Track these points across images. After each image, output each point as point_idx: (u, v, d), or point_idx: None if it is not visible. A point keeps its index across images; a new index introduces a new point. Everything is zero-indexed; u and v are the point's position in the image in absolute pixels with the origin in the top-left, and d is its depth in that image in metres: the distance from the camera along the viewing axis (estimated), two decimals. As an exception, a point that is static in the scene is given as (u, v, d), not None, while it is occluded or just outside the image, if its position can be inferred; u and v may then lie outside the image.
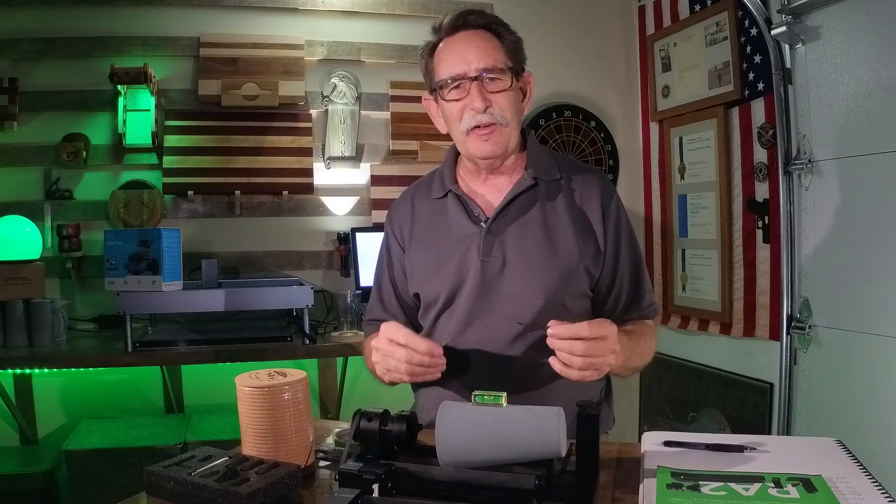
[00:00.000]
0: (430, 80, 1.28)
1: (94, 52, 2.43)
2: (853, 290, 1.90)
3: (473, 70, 1.19)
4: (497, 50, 1.22)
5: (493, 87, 1.21)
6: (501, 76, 1.21)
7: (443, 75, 1.23)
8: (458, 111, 1.22)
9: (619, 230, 1.28)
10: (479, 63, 1.20)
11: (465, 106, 1.21)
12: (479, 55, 1.20)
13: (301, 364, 2.32)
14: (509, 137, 1.24)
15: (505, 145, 1.24)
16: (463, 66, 1.20)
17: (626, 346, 1.14)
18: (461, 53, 1.21)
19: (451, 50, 1.23)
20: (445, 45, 1.24)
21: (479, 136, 1.22)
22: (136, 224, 2.42)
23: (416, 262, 1.32)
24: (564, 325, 1.04)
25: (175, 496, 0.88)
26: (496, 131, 1.22)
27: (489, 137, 1.22)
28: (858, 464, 0.87)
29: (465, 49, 1.21)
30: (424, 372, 1.12)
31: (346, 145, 2.60)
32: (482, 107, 1.19)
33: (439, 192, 1.32)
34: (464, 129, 1.22)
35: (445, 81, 1.22)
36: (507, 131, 1.23)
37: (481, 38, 1.22)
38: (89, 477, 2.00)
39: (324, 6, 2.61)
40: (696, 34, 2.45)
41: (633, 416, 2.86)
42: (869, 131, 1.83)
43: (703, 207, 2.47)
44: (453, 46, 1.23)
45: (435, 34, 1.26)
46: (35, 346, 2.11)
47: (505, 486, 0.82)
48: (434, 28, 1.27)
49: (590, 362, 1.03)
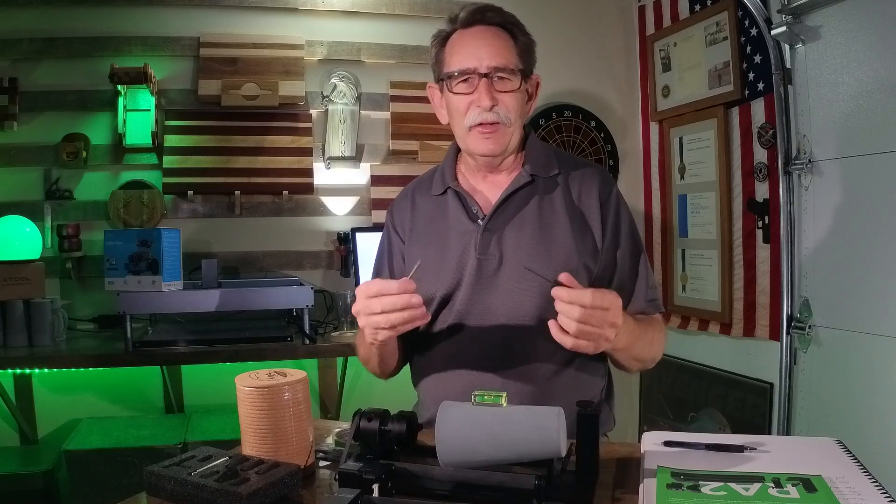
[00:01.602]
0: (439, 69, 1.27)
1: (94, 52, 2.43)
2: (853, 290, 1.90)
3: (484, 67, 1.19)
4: (510, 50, 1.22)
5: (502, 86, 1.20)
6: (511, 76, 1.21)
7: (453, 67, 1.22)
8: (463, 106, 1.22)
9: (618, 224, 1.27)
10: (490, 60, 1.19)
11: (472, 102, 1.21)
12: (491, 52, 1.20)
13: (301, 364, 2.32)
14: (510, 137, 1.24)
15: (505, 145, 1.24)
16: (474, 61, 1.20)
17: (632, 328, 1.12)
18: (474, 48, 1.21)
19: (465, 43, 1.22)
20: (459, 36, 1.24)
21: (481, 133, 1.22)
22: (136, 224, 2.42)
23: (415, 257, 1.31)
24: (568, 289, 1.01)
25: (175, 496, 0.88)
26: (499, 131, 1.22)
27: (491, 136, 1.22)
28: (858, 464, 0.87)
29: (479, 45, 1.21)
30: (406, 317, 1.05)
31: (346, 145, 2.60)
32: (489, 105, 1.19)
33: (440, 188, 1.32)
34: (467, 124, 1.22)
35: (454, 73, 1.21)
36: (510, 131, 1.23)
37: (495, 36, 1.22)
38: (89, 477, 2.00)
39: (324, 6, 2.61)
40: (696, 34, 2.45)
41: (633, 416, 2.86)
42: (869, 131, 1.83)
43: (703, 207, 2.47)
44: (468, 40, 1.23)
45: (450, 24, 1.26)
46: (35, 346, 2.11)
47: (505, 486, 0.82)
48: (450, 18, 1.26)
49: (587, 331, 1.00)
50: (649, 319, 1.26)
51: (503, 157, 1.27)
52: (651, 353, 1.25)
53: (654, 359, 1.28)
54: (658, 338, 1.26)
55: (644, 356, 1.24)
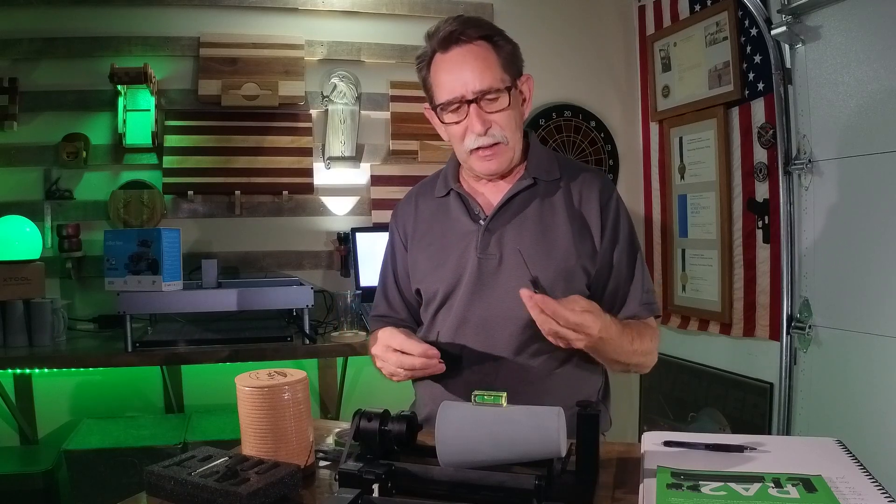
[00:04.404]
0: (429, 96, 1.27)
1: (94, 52, 2.43)
2: (853, 290, 1.90)
3: (470, 93, 1.18)
4: (493, 66, 1.19)
5: (492, 107, 1.20)
6: (499, 95, 1.19)
7: (440, 98, 1.22)
8: (459, 133, 1.23)
9: (616, 227, 1.27)
10: (475, 85, 1.18)
11: (466, 128, 1.21)
12: (474, 76, 1.18)
13: (301, 364, 2.32)
14: (512, 154, 1.25)
15: (508, 162, 1.25)
16: (460, 88, 1.19)
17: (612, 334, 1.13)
18: (457, 75, 1.19)
19: (447, 70, 1.20)
20: (440, 63, 1.22)
21: (482, 156, 1.23)
22: (136, 224, 2.42)
23: (417, 258, 1.34)
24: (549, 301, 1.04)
25: (175, 496, 0.88)
26: (498, 151, 1.22)
27: (492, 157, 1.23)
28: (858, 464, 0.87)
29: (461, 70, 1.19)
30: (423, 372, 1.15)
31: (346, 145, 2.60)
32: (482, 130, 1.20)
33: (442, 190, 1.34)
34: (466, 148, 1.23)
35: (444, 105, 1.21)
36: (510, 148, 1.24)
37: (475, 57, 1.19)
38: (89, 477, 2.00)
39: (324, 6, 2.61)
40: (696, 34, 2.45)
41: (633, 416, 2.86)
42: (869, 131, 1.83)
43: (703, 207, 2.47)
44: (448, 66, 1.20)
45: (428, 42, 1.23)
46: (35, 346, 2.11)
47: (505, 486, 0.82)
48: (428, 34, 1.23)
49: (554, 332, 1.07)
50: (639, 325, 1.25)
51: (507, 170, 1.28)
52: (635, 359, 1.23)
53: (641, 364, 1.26)
54: (645, 347, 1.24)
55: (627, 360, 1.22)
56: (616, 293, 1.28)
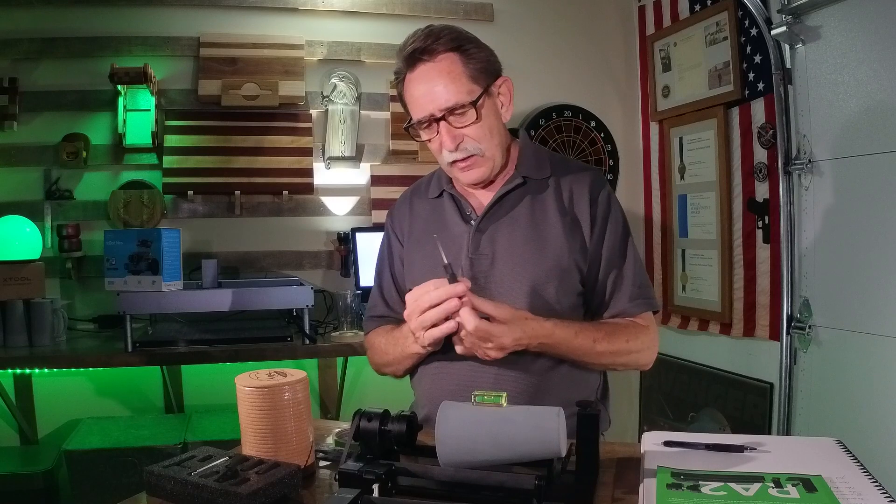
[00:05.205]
0: (406, 112, 1.28)
1: (94, 52, 2.43)
2: (853, 290, 1.90)
3: (438, 111, 1.19)
4: (459, 79, 1.18)
5: (460, 122, 1.20)
6: (466, 110, 1.19)
7: (414, 117, 1.24)
8: (436, 148, 1.25)
9: (606, 222, 1.27)
10: (440, 103, 1.18)
11: (440, 143, 1.23)
12: (440, 94, 1.18)
13: (301, 364, 2.32)
14: (491, 161, 1.25)
15: (488, 171, 1.26)
16: (429, 106, 1.20)
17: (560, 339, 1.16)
18: (425, 92, 1.19)
19: (415, 88, 1.21)
20: (409, 81, 1.22)
21: (461, 168, 1.24)
22: (136, 224, 2.42)
23: (412, 259, 1.35)
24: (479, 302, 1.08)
25: (175, 496, 0.88)
26: (475, 163, 1.24)
27: (470, 168, 1.24)
28: (858, 464, 0.87)
29: (428, 88, 1.19)
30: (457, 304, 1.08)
31: (346, 145, 2.60)
32: (452, 146, 1.21)
33: (436, 191, 1.36)
34: (444, 162, 1.26)
35: (417, 123, 1.23)
36: (487, 158, 1.24)
37: (439, 73, 1.18)
38: (89, 477, 2.00)
39: (324, 6, 2.61)
40: (696, 34, 2.45)
41: (633, 416, 2.85)
42: (869, 131, 1.83)
43: (703, 207, 2.47)
44: (416, 85, 1.21)
45: (398, 59, 1.23)
46: (35, 346, 2.11)
47: (505, 486, 0.82)
48: (398, 50, 1.23)
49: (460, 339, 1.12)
50: (615, 325, 1.24)
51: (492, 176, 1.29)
52: (608, 359, 1.23)
53: (626, 363, 1.25)
54: (620, 343, 1.22)
55: (596, 361, 1.22)
56: (605, 289, 1.27)
